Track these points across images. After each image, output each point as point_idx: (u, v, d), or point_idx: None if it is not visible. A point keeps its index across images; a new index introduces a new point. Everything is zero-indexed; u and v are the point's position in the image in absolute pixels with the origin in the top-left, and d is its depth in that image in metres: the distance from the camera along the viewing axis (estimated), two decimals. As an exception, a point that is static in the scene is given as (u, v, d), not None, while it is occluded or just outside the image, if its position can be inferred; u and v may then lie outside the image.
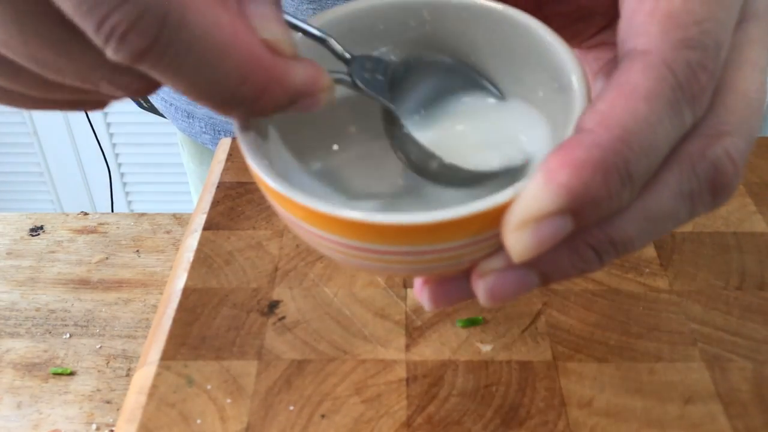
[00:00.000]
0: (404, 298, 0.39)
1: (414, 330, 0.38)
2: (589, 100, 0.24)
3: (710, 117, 0.22)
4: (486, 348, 0.37)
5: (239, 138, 0.25)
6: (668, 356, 0.36)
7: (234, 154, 0.50)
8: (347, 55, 0.27)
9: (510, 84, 0.29)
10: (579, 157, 0.20)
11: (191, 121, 0.68)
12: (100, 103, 0.26)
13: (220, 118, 0.66)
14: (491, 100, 0.29)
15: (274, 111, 0.23)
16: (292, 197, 0.22)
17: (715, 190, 0.22)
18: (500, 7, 0.27)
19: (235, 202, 0.46)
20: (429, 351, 0.37)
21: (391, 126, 0.28)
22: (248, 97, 0.22)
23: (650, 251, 0.42)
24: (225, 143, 0.52)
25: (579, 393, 0.34)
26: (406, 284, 0.40)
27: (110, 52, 0.19)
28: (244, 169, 0.49)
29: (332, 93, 0.25)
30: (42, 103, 0.25)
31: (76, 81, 0.22)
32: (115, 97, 0.24)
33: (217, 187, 0.48)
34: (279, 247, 0.43)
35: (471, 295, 0.25)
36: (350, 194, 0.29)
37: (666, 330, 0.37)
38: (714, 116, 0.22)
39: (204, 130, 0.67)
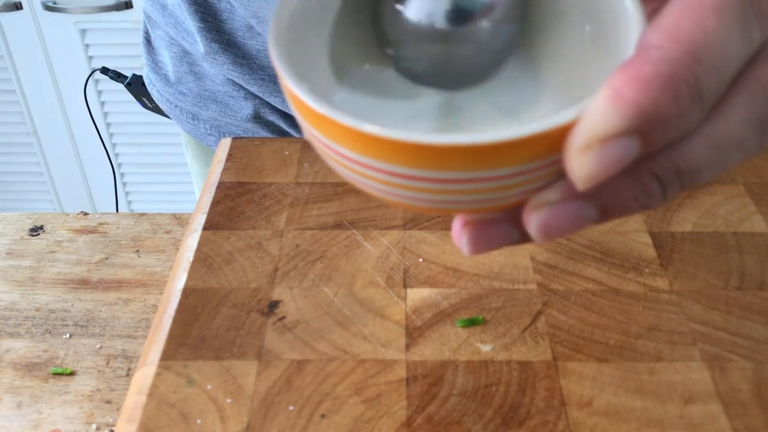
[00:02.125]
0: (404, 298, 0.39)
1: (414, 330, 0.38)
2: (646, 23, 0.22)
3: None
4: (486, 348, 0.37)
5: (273, 49, 0.22)
6: (668, 356, 0.36)
7: (234, 154, 0.50)
8: None
9: (554, 20, 0.27)
10: (647, 72, 0.19)
11: (196, 122, 0.68)
12: None
13: (224, 120, 0.66)
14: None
15: None
16: (328, 115, 0.20)
17: None
18: None
19: (235, 202, 0.46)
20: (429, 351, 0.37)
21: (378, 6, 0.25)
22: None
23: (650, 251, 0.42)
24: (225, 143, 0.52)
25: (579, 393, 0.34)
26: (407, 284, 0.40)
27: None
28: (244, 168, 0.49)
29: None
30: None
31: None
32: None
33: (217, 187, 0.48)
34: (279, 247, 0.43)
35: (513, 238, 0.23)
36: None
37: (666, 330, 0.37)
38: None
39: (209, 131, 0.67)
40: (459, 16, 0.24)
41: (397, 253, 0.42)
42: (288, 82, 0.21)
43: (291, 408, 0.34)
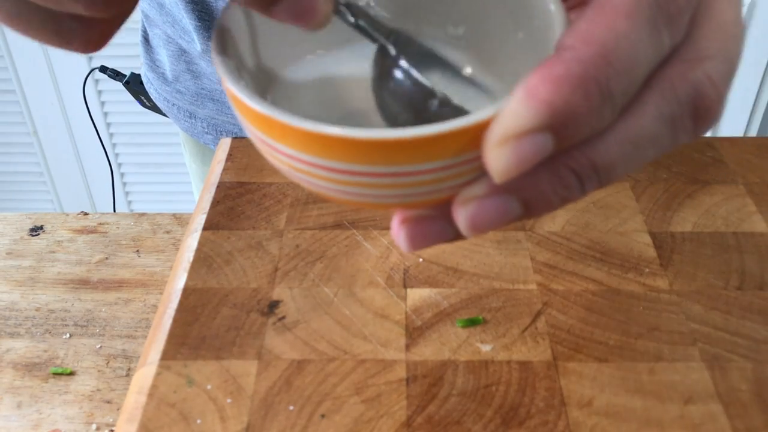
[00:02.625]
0: (404, 298, 0.39)
1: (414, 330, 0.38)
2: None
3: (689, 44, 0.22)
4: (486, 348, 0.37)
5: (214, 50, 0.24)
6: (668, 356, 0.36)
7: (234, 154, 0.50)
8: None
9: (492, 30, 0.28)
10: (559, 72, 0.20)
11: (193, 121, 0.68)
12: (95, 29, 0.24)
13: (222, 119, 0.66)
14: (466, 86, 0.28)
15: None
16: (262, 111, 0.21)
17: (696, 114, 0.22)
18: None
19: (235, 202, 0.46)
20: (429, 351, 0.37)
21: (380, 67, 0.27)
22: None
23: (650, 251, 0.42)
24: (225, 143, 0.52)
25: (579, 393, 0.34)
26: (407, 284, 0.40)
27: None
28: (244, 168, 0.49)
29: (330, 8, 0.23)
30: (31, 17, 0.23)
31: None
32: (93, 7, 0.23)
33: (217, 187, 0.48)
34: (279, 247, 0.43)
35: (450, 235, 0.24)
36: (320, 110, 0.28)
37: (666, 330, 0.37)
38: (692, 43, 0.22)
39: (206, 130, 0.67)
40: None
41: (397, 253, 0.42)
42: (227, 81, 0.23)
43: (291, 408, 0.34)
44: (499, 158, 0.20)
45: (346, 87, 0.29)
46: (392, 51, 0.26)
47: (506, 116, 0.20)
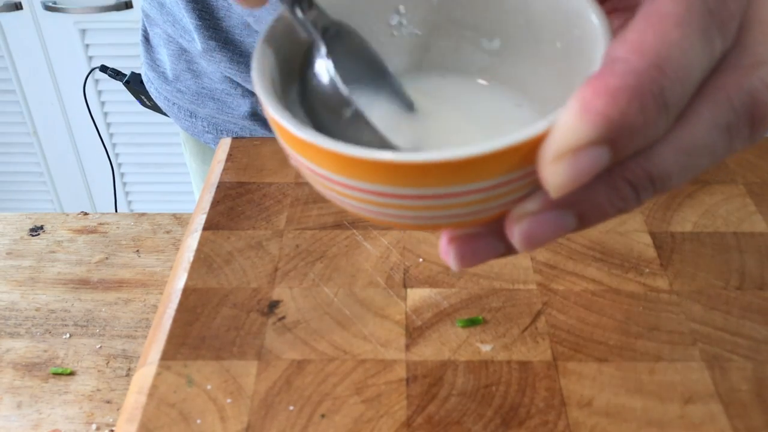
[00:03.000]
0: (404, 298, 0.39)
1: (414, 330, 0.38)
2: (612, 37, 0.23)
3: (739, 49, 0.22)
4: (486, 348, 0.37)
5: (256, 83, 0.23)
6: (668, 356, 0.36)
7: (234, 154, 0.50)
8: None
9: (527, 40, 0.28)
10: (614, 85, 0.19)
11: (194, 120, 0.68)
12: None
13: (222, 118, 0.66)
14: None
15: None
16: (309, 139, 0.21)
17: (753, 121, 0.22)
18: None
19: (235, 202, 0.46)
20: (429, 351, 0.37)
21: (309, 66, 0.26)
22: None
23: (650, 251, 0.42)
24: (225, 143, 0.52)
25: (579, 393, 0.34)
26: (407, 284, 0.40)
27: None
28: (244, 168, 0.49)
29: None
30: None
31: None
32: None
33: (217, 187, 0.48)
34: (279, 247, 0.43)
35: (500, 251, 0.24)
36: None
37: (666, 330, 0.37)
38: (743, 48, 0.22)
39: (206, 129, 0.67)
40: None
41: (397, 253, 0.42)
42: (271, 111, 0.22)
43: (291, 408, 0.34)
44: (556, 174, 0.20)
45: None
46: (323, 49, 0.25)
47: (562, 131, 0.20)
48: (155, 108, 0.76)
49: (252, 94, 0.63)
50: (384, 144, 0.25)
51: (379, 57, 0.28)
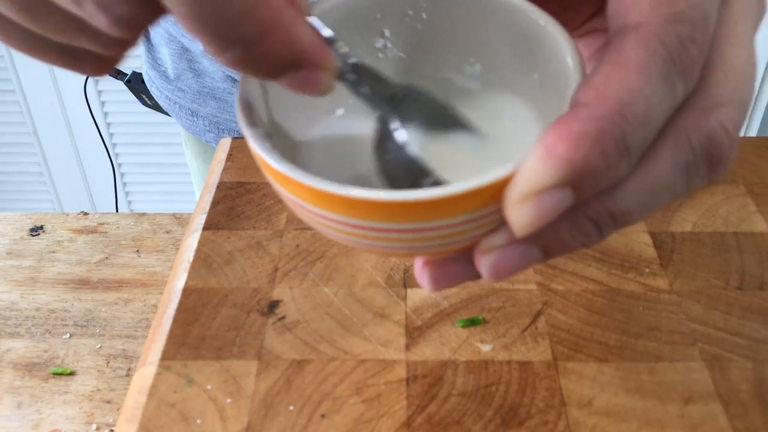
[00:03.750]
0: (404, 298, 0.39)
1: (414, 330, 0.38)
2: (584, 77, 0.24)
3: (701, 91, 0.23)
4: (486, 348, 0.37)
5: (239, 114, 0.24)
6: (668, 356, 0.36)
7: (234, 154, 0.50)
8: (353, 60, 0.26)
9: (506, 67, 0.29)
10: (576, 130, 0.20)
11: (195, 119, 0.68)
12: (104, 58, 0.24)
13: (224, 117, 0.66)
14: (483, 140, 0.29)
15: (272, 69, 0.22)
16: (290, 174, 0.22)
17: (711, 161, 0.23)
18: None
19: (235, 202, 0.46)
20: (429, 351, 0.37)
21: (382, 143, 0.28)
22: (249, 34, 0.21)
23: (650, 251, 0.42)
24: (225, 143, 0.52)
25: (579, 393, 0.34)
26: (407, 284, 0.40)
27: None
28: (244, 168, 0.49)
29: (333, 79, 0.24)
30: (43, 44, 0.23)
31: (68, 3, 0.21)
32: (108, 41, 0.23)
33: (217, 187, 0.48)
34: (279, 247, 0.43)
35: (471, 275, 0.25)
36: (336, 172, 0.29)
37: (666, 330, 0.37)
38: (705, 90, 0.23)
39: (208, 128, 0.67)
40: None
41: (397, 253, 0.42)
42: (253, 144, 0.23)
43: (291, 408, 0.34)
44: (520, 214, 0.21)
45: (360, 146, 0.29)
46: (394, 122, 0.27)
47: (526, 174, 0.21)
48: (156, 107, 0.76)
49: None
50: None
51: (445, 102, 0.29)
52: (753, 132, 1.49)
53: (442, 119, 0.29)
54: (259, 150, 0.23)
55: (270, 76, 0.22)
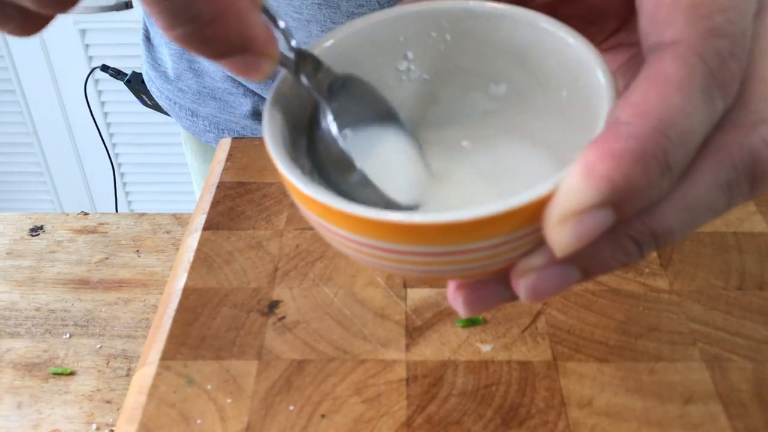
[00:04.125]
0: (404, 298, 0.39)
1: (414, 330, 0.38)
2: (617, 95, 0.24)
3: (741, 107, 0.22)
4: (486, 348, 0.37)
5: (267, 136, 0.24)
6: (668, 356, 0.36)
7: (234, 154, 0.50)
8: (295, 46, 0.26)
9: (533, 85, 0.29)
10: (618, 149, 0.20)
11: (195, 119, 0.68)
12: (23, 15, 0.24)
13: (224, 117, 0.66)
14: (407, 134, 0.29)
15: (217, 50, 0.22)
16: (322, 200, 0.22)
17: (754, 178, 0.22)
18: (520, 11, 0.27)
19: (235, 202, 0.46)
20: (429, 351, 0.37)
21: (314, 132, 0.27)
22: (203, 15, 0.21)
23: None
24: (225, 143, 0.52)
25: (579, 393, 0.34)
26: (406, 284, 0.40)
27: None
28: (244, 168, 0.49)
29: (273, 66, 0.24)
30: None
31: None
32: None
33: (217, 187, 0.48)
34: (279, 247, 0.43)
35: (506, 297, 0.24)
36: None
37: (666, 330, 0.37)
38: (744, 106, 0.22)
39: (208, 128, 0.67)
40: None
41: (397, 253, 0.42)
42: (282, 169, 0.23)
43: (291, 408, 0.34)
44: (561, 235, 0.21)
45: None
46: (329, 115, 0.27)
47: (566, 194, 0.20)
48: (156, 107, 0.76)
49: (253, 93, 0.63)
50: (388, 204, 0.26)
51: (387, 101, 0.29)
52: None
53: (378, 112, 0.29)
54: (288, 174, 0.23)
55: (213, 57, 0.22)
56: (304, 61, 0.26)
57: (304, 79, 0.26)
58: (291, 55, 0.26)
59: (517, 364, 0.36)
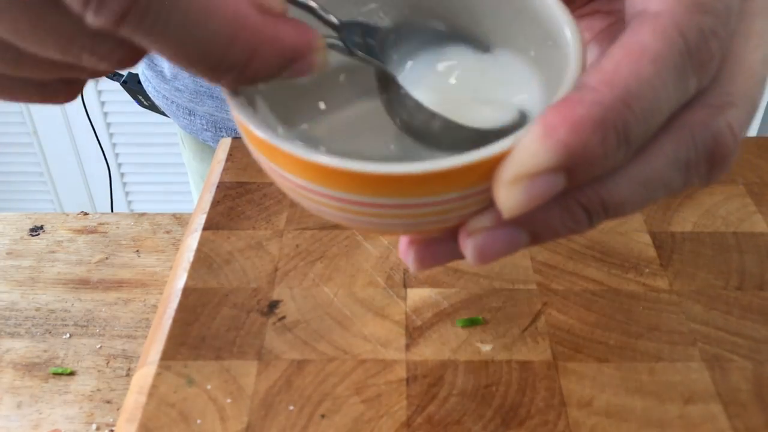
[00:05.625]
0: (404, 298, 0.39)
1: (414, 330, 0.38)
2: (584, 57, 0.23)
3: (714, 87, 0.22)
4: (486, 348, 0.37)
5: (229, 102, 0.24)
6: (668, 356, 0.36)
7: (234, 154, 0.50)
8: (335, 21, 0.26)
9: (502, 43, 0.28)
10: (580, 115, 0.19)
11: (192, 118, 0.68)
12: (79, 83, 0.24)
13: (221, 116, 0.66)
14: (483, 57, 0.28)
15: (268, 76, 0.22)
16: (274, 143, 0.22)
17: (712, 161, 0.22)
18: None
19: (235, 202, 0.46)
20: (429, 351, 0.37)
21: (386, 91, 0.27)
22: (239, 60, 0.21)
23: (650, 251, 0.42)
24: (225, 143, 0.52)
25: (579, 393, 0.34)
26: (407, 284, 0.40)
27: (90, 17, 0.19)
28: (244, 168, 0.49)
29: (325, 55, 0.23)
30: (20, 86, 0.23)
31: (56, 53, 0.21)
32: (98, 73, 0.23)
33: (217, 187, 0.48)
34: (279, 247, 0.43)
35: (457, 255, 0.24)
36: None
37: (666, 330, 0.37)
38: (718, 86, 0.22)
39: (205, 127, 0.67)
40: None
41: (397, 252, 0.42)
42: (238, 114, 0.23)
43: (291, 408, 0.34)
44: (509, 196, 0.20)
45: (367, 122, 0.29)
46: (391, 75, 0.26)
47: (521, 154, 0.20)
48: (153, 108, 0.76)
49: None
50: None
51: (437, 25, 0.28)
52: (753, 132, 1.49)
53: (440, 41, 0.28)
54: (241, 116, 0.23)
55: (269, 80, 0.22)
56: (351, 33, 0.26)
57: (360, 54, 0.26)
58: (334, 33, 0.26)
59: (517, 364, 0.36)
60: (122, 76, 0.86)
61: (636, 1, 0.22)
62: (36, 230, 0.67)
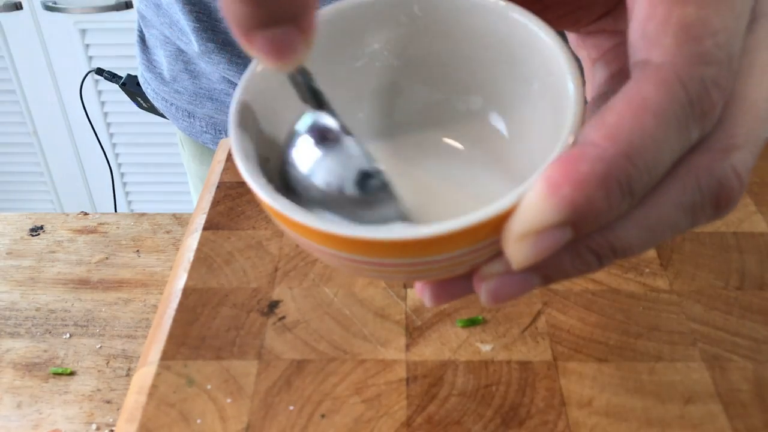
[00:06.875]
0: (404, 298, 0.39)
1: (414, 330, 0.38)
2: (585, 102, 0.24)
3: (718, 130, 0.22)
4: (486, 348, 0.37)
5: (234, 151, 0.24)
6: (668, 356, 0.36)
7: (234, 154, 0.50)
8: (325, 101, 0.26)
9: (503, 76, 0.28)
10: (583, 171, 0.20)
11: (192, 120, 0.68)
12: None
13: (220, 118, 0.66)
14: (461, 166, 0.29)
15: (267, 11, 0.21)
16: (289, 215, 0.22)
17: (718, 204, 0.22)
18: (493, 0, 0.27)
19: (235, 202, 0.46)
20: (429, 351, 0.37)
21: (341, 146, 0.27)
22: None
23: (650, 251, 0.42)
24: (225, 143, 0.52)
25: (579, 393, 0.34)
26: (407, 284, 0.40)
27: None
28: (244, 169, 0.49)
29: (305, 54, 0.23)
30: None
31: None
32: None
33: (217, 187, 0.48)
34: (279, 247, 0.43)
35: (471, 291, 0.25)
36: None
37: (666, 330, 0.37)
38: (721, 129, 0.22)
39: (205, 129, 0.67)
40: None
41: (397, 253, 0.42)
42: (256, 189, 0.23)
43: (291, 408, 0.34)
44: (518, 251, 0.21)
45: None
46: (336, 122, 0.26)
47: (527, 212, 0.20)
48: (152, 110, 0.76)
49: None
50: (404, 217, 0.27)
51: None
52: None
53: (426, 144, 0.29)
54: (255, 188, 0.23)
55: (260, 22, 0.21)
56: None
57: (320, 92, 0.26)
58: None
59: (517, 364, 0.36)
60: (121, 78, 0.86)
61: (638, 49, 0.22)
62: (36, 230, 0.67)
